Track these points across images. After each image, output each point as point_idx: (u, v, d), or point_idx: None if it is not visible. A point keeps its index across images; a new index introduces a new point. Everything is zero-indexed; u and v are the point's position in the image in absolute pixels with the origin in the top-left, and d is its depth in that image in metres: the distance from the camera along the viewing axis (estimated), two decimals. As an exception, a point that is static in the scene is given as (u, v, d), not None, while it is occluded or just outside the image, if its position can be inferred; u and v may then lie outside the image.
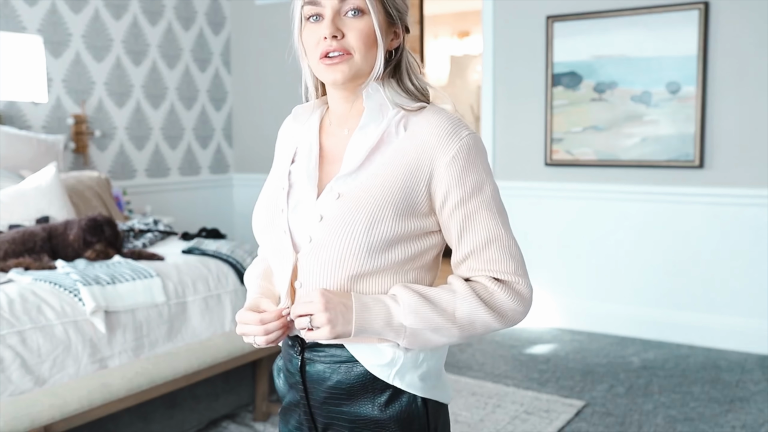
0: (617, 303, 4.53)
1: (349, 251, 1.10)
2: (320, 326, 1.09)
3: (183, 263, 3.03)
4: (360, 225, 1.10)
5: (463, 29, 7.82)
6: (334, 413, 1.19)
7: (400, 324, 1.11)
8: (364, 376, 1.16)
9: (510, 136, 4.78)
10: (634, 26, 4.27)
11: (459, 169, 1.13)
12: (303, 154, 1.22)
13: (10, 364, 2.29)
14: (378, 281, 1.15)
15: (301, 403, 1.23)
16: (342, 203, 1.12)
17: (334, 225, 1.11)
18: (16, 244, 2.83)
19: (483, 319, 1.15)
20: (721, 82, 4.10)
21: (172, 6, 5.47)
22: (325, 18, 1.13)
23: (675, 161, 4.24)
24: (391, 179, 1.12)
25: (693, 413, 3.25)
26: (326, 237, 1.12)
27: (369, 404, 1.17)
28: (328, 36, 1.13)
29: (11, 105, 4.41)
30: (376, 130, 1.15)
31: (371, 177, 1.13)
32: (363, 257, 1.11)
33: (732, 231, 4.14)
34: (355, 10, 1.12)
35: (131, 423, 2.66)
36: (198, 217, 5.73)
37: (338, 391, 1.17)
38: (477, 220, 1.14)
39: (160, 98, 5.44)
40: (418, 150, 1.13)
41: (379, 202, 1.11)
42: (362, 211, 1.10)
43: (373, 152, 1.15)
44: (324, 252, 1.12)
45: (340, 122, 1.22)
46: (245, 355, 2.85)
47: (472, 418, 3.20)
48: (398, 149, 1.14)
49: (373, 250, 1.11)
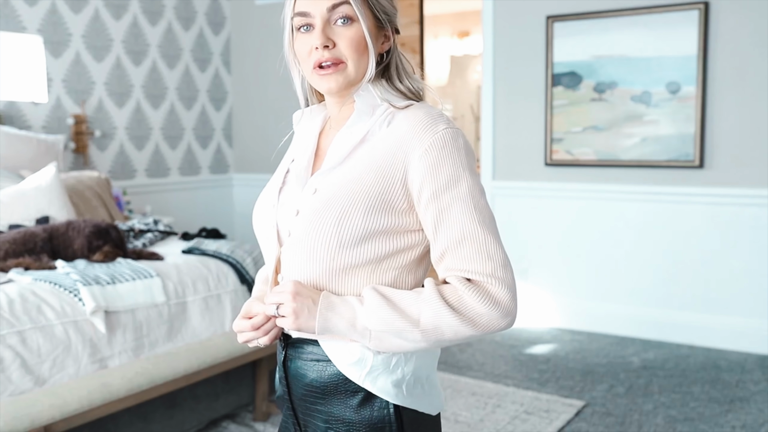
0: (617, 303, 4.53)
1: (320, 245, 1.10)
2: (285, 315, 1.09)
3: (183, 263, 3.03)
4: (330, 219, 1.09)
5: (463, 29, 7.82)
6: (311, 410, 1.19)
7: (363, 326, 1.08)
8: (336, 376, 1.14)
9: (510, 136, 4.78)
10: (634, 26, 4.27)
11: (432, 160, 1.09)
12: (301, 156, 1.24)
13: (10, 364, 2.29)
14: (354, 280, 1.13)
15: (284, 398, 1.24)
16: (316, 198, 1.12)
17: (307, 219, 1.12)
18: (16, 244, 2.83)
19: (450, 324, 1.07)
20: (721, 82, 4.10)
21: (172, 6, 5.47)
22: (315, 28, 1.14)
23: (675, 161, 4.24)
24: (365, 174, 1.11)
25: (693, 413, 3.25)
26: (301, 231, 1.12)
27: (342, 405, 1.14)
28: (320, 46, 1.13)
29: (11, 105, 4.41)
30: (362, 128, 1.15)
31: (347, 172, 1.12)
32: (333, 251, 1.10)
33: (732, 231, 4.14)
34: (345, 18, 1.12)
35: (131, 423, 2.66)
36: (198, 217, 5.73)
37: (314, 389, 1.17)
38: (450, 214, 1.09)
39: (160, 98, 5.44)
40: (394, 145, 1.11)
41: (350, 196, 1.10)
42: (334, 205, 1.10)
43: (355, 149, 1.14)
44: (299, 245, 1.13)
45: (335, 124, 1.23)
46: (245, 355, 2.85)
47: (472, 418, 3.20)
48: (375, 145, 1.13)
49: (344, 245, 1.09)
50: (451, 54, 7.96)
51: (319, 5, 1.13)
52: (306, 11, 1.14)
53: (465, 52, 7.89)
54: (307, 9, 1.14)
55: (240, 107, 6.06)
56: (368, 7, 1.14)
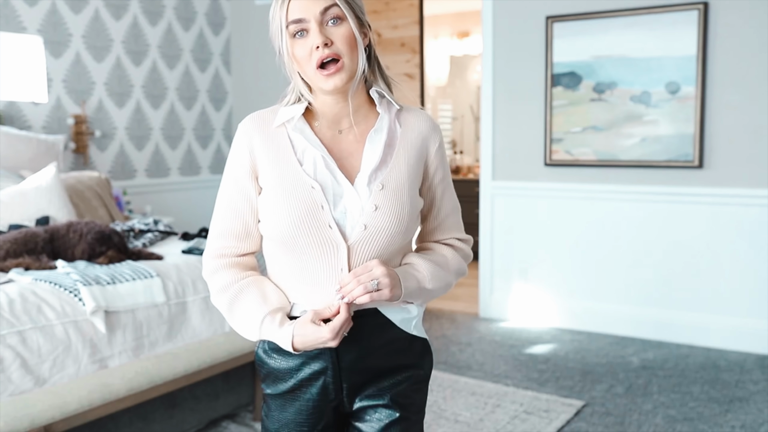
0: (617, 303, 4.53)
1: (399, 232, 1.31)
2: (383, 288, 1.26)
3: (183, 263, 3.03)
4: (405, 211, 1.32)
5: (463, 29, 7.82)
6: (363, 368, 1.36)
7: (424, 288, 1.37)
8: (392, 331, 1.37)
9: (509, 137, 4.79)
10: (634, 26, 4.28)
11: (442, 154, 1.41)
12: (310, 157, 1.31)
13: (11, 364, 2.29)
14: (400, 255, 1.39)
15: (328, 370, 1.34)
16: (387, 194, 1.30)
17: (389, 212, 1.30)
18: (17, 244, 2.84)
19: (462, 270, 1.48)
20: (720, 83, 4.11)
21: (172, 6, 5.47)
22: (310, 31, 1.26)
23: (674, 161, 4.24)
24: (407, 167, 1.34)
25: (692, 413, 3.25)
26: (381, 223, 1.29)
27: (396, 352, 1.38)
28: (320, 44, 1.25)
29: (11, 105, 4.42)
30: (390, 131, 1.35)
31: (396, 168, 1.33)
32: (404, 236, 1.33)
33: (731, 231, 4.15)
34: (335, 19, 1.26)
35: (131, 423, 2.67)
36: (198, 217, 5.74)
37: (370, 349, 1.35)
38: (447, 194, 1.44)
39: (160, 98, 5.45)
40: (417, 140, 1.37)
41: (408, 188, 1.33)
42: (403, 199, 1.32)
43: (387, 147, 1.34)
44: (380, 235, 1.30)
45: (331, 124, 1.34)
46: (245, 355, 2.86)
47: (471, 417, 3.21)
48: (403, 142, 1.35)
49: (411, 229, 1.35)
50: (451, 54, 7.96)
51: (312, 9, 1.25)
52: (300, 17, 1.26)
53: (465, 52, 7.89)
54: (302, 15, 1.26)
55: (240, 107, 6.06)
56: (350, 8, 1.27)
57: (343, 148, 1.33)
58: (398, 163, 1.33)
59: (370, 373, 1.37)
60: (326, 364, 1.34)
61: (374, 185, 1.30)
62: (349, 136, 1.34)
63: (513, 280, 4.88)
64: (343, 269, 1.29)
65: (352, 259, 1.29)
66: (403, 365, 1.40)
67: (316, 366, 1.35)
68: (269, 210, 1.31)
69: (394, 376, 1.39)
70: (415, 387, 1.42)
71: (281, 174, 1.31)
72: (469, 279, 6.22)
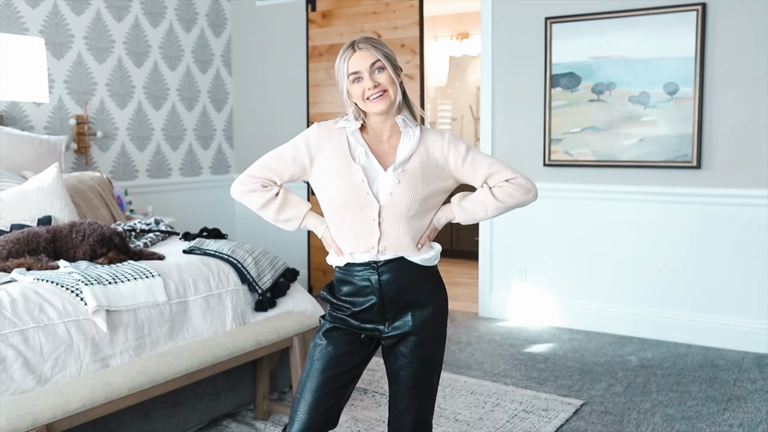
0: (615, 302, 4.55)
1: (414, 199, 1.93)
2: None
3: (184, 263, 3.05)
4: (419, 187, 1.94)
5: (462, 31, 7.84)
6: (400, 299, 1.96)
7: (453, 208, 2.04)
8: (418, 270, 1.97)
9: (509, 137, 4.81)
10: (632, 27, 4.29)
11: (454, 147, 2.00)
12: (358, 152, 1.97)
13: (13, 363, 2.31)
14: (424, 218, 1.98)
15: (376, 303, 1.95)
16: (406, 175, 1.94)
17: (406, 186, 1.93)
18: (20, 244, 2.86)
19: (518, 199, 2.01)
20: (718, 83, 4.12)
21: (173, 7, 5.49)
22: (364, 78, 1.93)
23: (673, 162, 4.26)
24: (420, 163, 1.96)
25: (691, 412, 3.27)
26: (402, 192, 1.92)
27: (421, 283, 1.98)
28: (371, 87, 1.93)
29: (14, 106, 4.44)
30: (412, 141, 1.98)
31: (413, 163, 1.96)
32: (419, 203, 1.94)
33: (729, 231, 4.16)
34: (379, 69, 1.94)
35: (133, 422, 2.69)
36: (199, 218, 5.76)
37: (402, 285, 1.96)
38: (477, 161, 2.00)
39: (162, 99, 5.47)
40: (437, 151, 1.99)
41: (421, 175, 1.95)
42: (417, 179, 1.94)
43: (414, 151, 1.97)
44: (401, 201, 1.92)
45: (377, 134, 2.01)
46: (246, 354, 2.87)
47: (471, 416, 3.22)
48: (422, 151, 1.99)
49: (423, 199, 1.94)
50: (451, 55, 7.98)
51: (364, 65, 1.93)
52: (357, 70, 1.93)
53: (464, 53, 7.91)
54: (358, 69, 1.93)
55: (241, 108, 6.08)
56: (388, 60, 1.95)
57: (381, 151, 1.99)
58: (415, 161, 1.96)
59: (401, 303, 1.96)
60: (374, 300, 1.95)
61: (398, 171, 1.94)
62: (386, 145, 2.00)
63: (512, 280, 4.90)
64: (375, 220, 1.91)
65: (382, 215, 1.92)
66: (424, 299, 1.98)
67: (361, 303, 1.97)
68: (329, 182, 1.95)
69: (418, 307, 1.97)
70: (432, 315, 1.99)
71: (338, 159, 1.96)
72: (469, 278, 6.24)
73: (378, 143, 2.00)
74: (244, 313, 3.14)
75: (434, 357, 2.01)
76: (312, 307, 3.40)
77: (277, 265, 3.34)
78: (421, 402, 2.01)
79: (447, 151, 1.99)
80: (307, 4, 5.52)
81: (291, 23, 5.68)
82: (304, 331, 3.10)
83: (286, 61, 5.74)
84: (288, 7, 5.69)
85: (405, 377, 1.99)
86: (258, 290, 3.20)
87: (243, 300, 3.15)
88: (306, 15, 5.55)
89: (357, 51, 1.94)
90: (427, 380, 2.00)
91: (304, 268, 5.74)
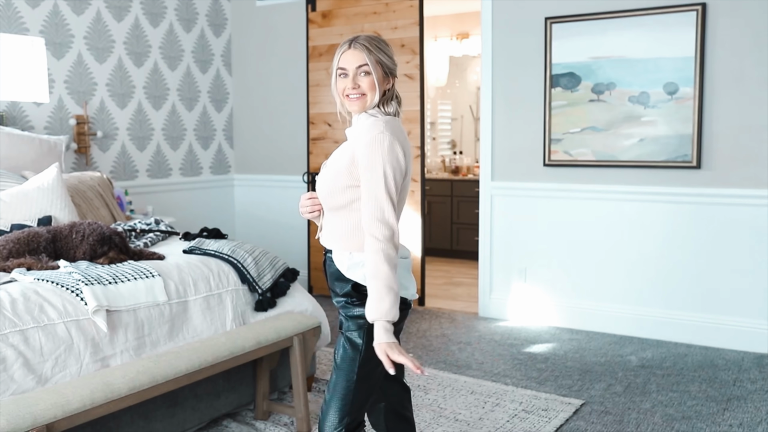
0: (615, 302, 4.55)
1: (326, 191, 1.99)
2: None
3: (184, 263, 3.05)
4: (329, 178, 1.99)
5: (462, 31, 7.84)
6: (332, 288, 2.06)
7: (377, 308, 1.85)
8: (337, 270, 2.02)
9: (509, 137, 4.81)
10: (632, 28, 4.30)
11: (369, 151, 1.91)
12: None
13: (13, 363, 2.31)
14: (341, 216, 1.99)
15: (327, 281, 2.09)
16: (326, 167, 2.03)
17: (322, 176, 2.02)
18: (20, 244, 2.86)
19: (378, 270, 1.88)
20: (718, 84, 4.13)
21: (174, 7, 5.49)
22: (348, 77, 1.97)
23: (673, 162, 4.26)
24: (339, 156, 2.00)
25: (690, 412, 3.27)
26: (320, 182, 2.02)
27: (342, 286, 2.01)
28: (350, 87, 1.97)
29: (14, 106, 4.44)
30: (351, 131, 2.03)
31: (337, 155, 2.01)
32: (329, 195, 1.99)
33: (729, 231, 4.17)
34: (364, 72, 1.96)
35: (133, 422, 2.69)
36: (199, 218, 5.76)
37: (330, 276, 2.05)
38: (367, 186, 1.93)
39: (162, 99, 5.47)
40: (353, 141, 1.98)
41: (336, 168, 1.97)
42: (331, 172, 1.99)
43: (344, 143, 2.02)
44: (319, 190, 2.02)
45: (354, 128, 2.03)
46: (246, 354, 2.88)
47: (471, 416, 3.22)
48: (349, 143, 1.99)
49: (331, 192, 1.98)
50: (451, 55, 7.98)
51: (352, 64, 1.96)
52: (344, 67, 1.97)
53: (464, 53, 7.91)
54: (345, 66, 1.97)
55: (241, 108, 6.08)
56: (379, 65, 1.96)
57: None
58: (338, 152, 2.02)
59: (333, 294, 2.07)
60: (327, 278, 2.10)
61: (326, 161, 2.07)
62: None
63: (512, 280, 4.90)
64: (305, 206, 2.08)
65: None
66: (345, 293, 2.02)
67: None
68: None
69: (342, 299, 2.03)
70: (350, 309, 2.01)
71: None
72: (469, 278, 6.24)
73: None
74: (244, 313, 3.14)
75: (338, 359, 2.00)
76: (312, 307, 3.40)
77: (277, 265, 3.34)
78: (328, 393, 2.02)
79: (358, 146, 1.93)
80: (307, 4, 5.53)
81: (291, 23, 5.68)
82: (304, 331, 3.11)
83: (286, 61, 5.75)
84: (288, 7, 5.69)
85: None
86: (258, 290, 3.20)
87: (243, 300, 3.15)
88: (306, 15, 5.55)
89: (351, 48, 1.97)
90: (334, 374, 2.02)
91: (304, 268, 5.75)
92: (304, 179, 5.68)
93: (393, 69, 2.01)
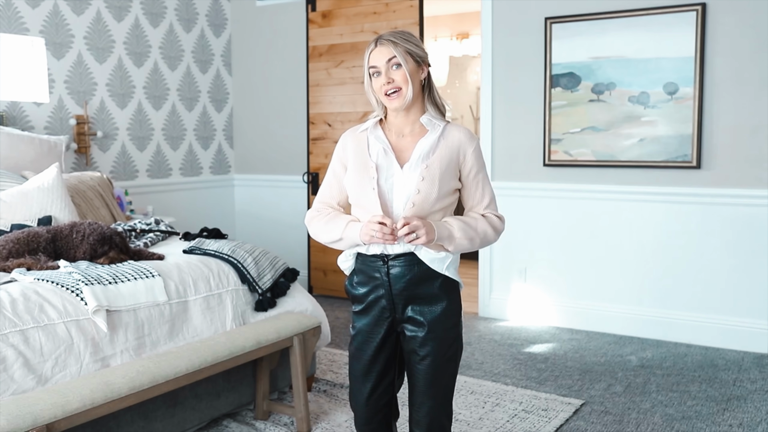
0: (615, 302, 4.55)
1: (436, 196, 1.98)
2: (421, 236, 1.90)
3: (184, 263, 3.05)
4: (437, 184, 1.98)
5: (462, 31, 7.84)
6: (410, 294, 2.02)
7: (453, 236, 1.98)
8: (426, 270, 2.01)
9: (509, 137, 4.81)
10: (632, 28, 4.30)
11: (477, 155, 2.07)
12: (380, 151, 2.04)
13: (13, 363, 2.32)
14: (439, 215, 2.02)
15: (385, 295, 2.03)
16: (429, 171, 1.99)
17: (430, 182, 1.98)
18: (20, 244, 2.86)
19: (490, 232, 2.06)
20: (718, 84, 4.13)
21: (174, 7, 5.49)
22: (381, 74, 2.01)
23: (673, 162, 4.26)
24: (440, 160, 2.01)
25: (690, 412, 3.27)
26: (428, 188, 1.97)
27: (430, 285, 2.02)
28: (386, 82, 2.00)
29: (14, 106, 4.44)
30: (433, 137, 2.03)
31: (437, 159, 2.01)
32: (438, 200, 1.99)
33: (729, 231, 4.17)
34: (395, 65, 2.00)
35: (133, 421, 2.69)
36: (199, 218, 5.76)
37: (412, 281, 2.01)
38: (482, 184, 2.09)
39: (162, 99, 5.47)
40: (455, 146, 2.05)
41: (440, 172, 2.00)
42: (438, 176, 1.99)
43: (434, 148, 2.03)
44: (422, 197, 1.97)
45: (398, 129, 2.08)
46: (246, 354, 2.88)
47: (471, 416, 3.23)
48: (443, 147, 2.04)
49: (441, 196, 2.00)
50: (451, 55, 7.98)
51: (381, 60, 2.00)
52: (375, 65, 2.01)
53: (464, 53, 7.91)
54: (376, 63, 2.01)
55: (241, 108, 6.09)
56: (410, 55, 2.00)
57: (402, 146, 2.05)
58: (438, 157, 2.01)
59: (411, 298, 2.03)
60: (383, 292, 2.04)
61: (422, 166, 1.99)
62: (408, 139, 2.06)
63: (512, 280, 4.90)
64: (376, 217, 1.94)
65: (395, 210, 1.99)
66: (434, 295, 2.03)
67: (374, 294, 2.05)
68: (350, 184, 2.04)
69: (428, 303, 2.03)
70: (443, 312, 2.04)
71: (357, 160, 2.06)
72: (469, 278, 6.24)
73: (399, 138, 2.07)
74: (244, 313, 3.14)
75: (447, 355, 2.08)
76: (312, 307, 3.40)
77: (277, 265, 3.34)
78: (434, 400, 2.12)
79: (466, 147, 2.04)
80: (307, 4, 5.53)
81: (291, 23, 5.68)
82: (304, 331, 3.11)
83: (286, 61, 5.75)
84: (288, 7, 5.69)
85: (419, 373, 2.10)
86: (258, 290, 3.20)
87: (243, 300, 3.15)
88: (306, 15, 5.55)
89: (378, 46, 2.01)
90: (438, 379, 2.10)
91: (304, 268, 5.75)
92: (304, 179, 5.68)
93: (424, 57, 2.04)
